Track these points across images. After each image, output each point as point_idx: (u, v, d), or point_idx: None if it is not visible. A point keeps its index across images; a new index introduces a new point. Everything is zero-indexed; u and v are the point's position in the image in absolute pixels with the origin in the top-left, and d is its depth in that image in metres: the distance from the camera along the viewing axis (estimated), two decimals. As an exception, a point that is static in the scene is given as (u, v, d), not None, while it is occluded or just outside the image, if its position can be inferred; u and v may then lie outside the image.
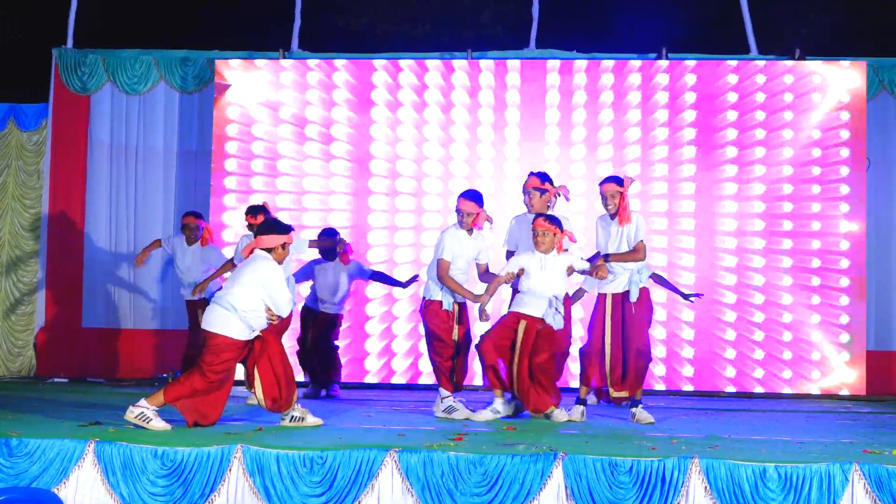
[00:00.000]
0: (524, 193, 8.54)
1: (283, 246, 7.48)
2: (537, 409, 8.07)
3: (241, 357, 7.35)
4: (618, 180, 8.21)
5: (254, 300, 7.26)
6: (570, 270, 8.18)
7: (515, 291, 8.35)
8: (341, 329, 10.44)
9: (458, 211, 8.42)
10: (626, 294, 8.15)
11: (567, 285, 8.23)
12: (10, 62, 12.66)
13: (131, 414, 7.06)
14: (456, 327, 8.41)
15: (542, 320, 8.05)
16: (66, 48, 12.30)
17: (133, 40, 12.46)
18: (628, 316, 8.13)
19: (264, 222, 7.67)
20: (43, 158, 12.33)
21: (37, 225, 12.33)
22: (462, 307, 8.48)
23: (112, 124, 12.27)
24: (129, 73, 12.22)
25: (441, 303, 8.37)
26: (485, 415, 8.06)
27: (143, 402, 7.11)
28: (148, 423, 7.02)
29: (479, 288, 8.56)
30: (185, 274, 10.47)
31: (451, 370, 8.38)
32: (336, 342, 10.37)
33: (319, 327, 10.19)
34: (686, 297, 9.61)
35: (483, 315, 8.22)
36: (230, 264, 9.37)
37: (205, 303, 10.12)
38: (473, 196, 8.42)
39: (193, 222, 10.49)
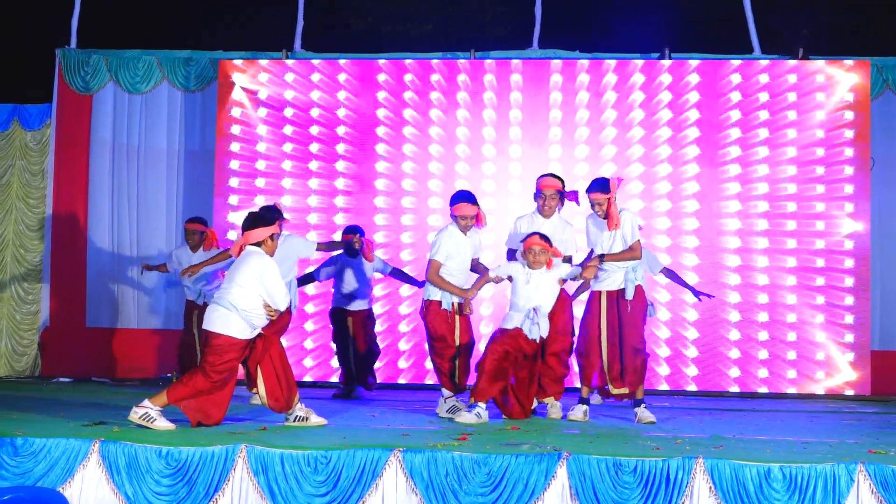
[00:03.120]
0: (539, 196, 8.45)
1: (272, 237, 7.46)
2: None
3: (243, 357, 7.35)
4: (603, 187, 8.10)
5: (252, 297, 7.25)
6: (562, 282, 8.19)
7: None
8: (375, 330, 10.34)
9: (454, 217, 8.38)
10: (621, 292, 8.13)
11: (556, 292, 8.20)
12: (15, 63, 12.70)
13: (135, 414, 7.06)
14: (458, 326, 8.40)
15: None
16: (69, 48, 12.31)
17: (136, 41, 12.49)
18: (624, 314, 8.12)
19: (248, 217, 7.56)
20: (47, 158, 12.34)
21: (41, 225, 12.34)
22: (462, 306, 8.44)
23: (114, 123, 12.28)
24: (131, 72, 12.23)
25: (440, 302, 8.36)
26: (468, 417, 7.85)
27: (146, 402, 7.11)
28: (152, 423, 7.02)
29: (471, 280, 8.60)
30: (191, 280, 10.28)
31: (452, 370, 8.36)
32: (377, 343, 10.27)
33: (356, 326, 10.11)
34: (697, 294, 9.68)
35: (466, 307, 8.31)
36: (226, 254, 9.33)
37: (201, 307, 10.14)
38: (468, 197, 8.38)
39: (195, 228, 10.35)
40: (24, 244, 12.38)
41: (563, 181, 8.51)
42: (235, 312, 7.21)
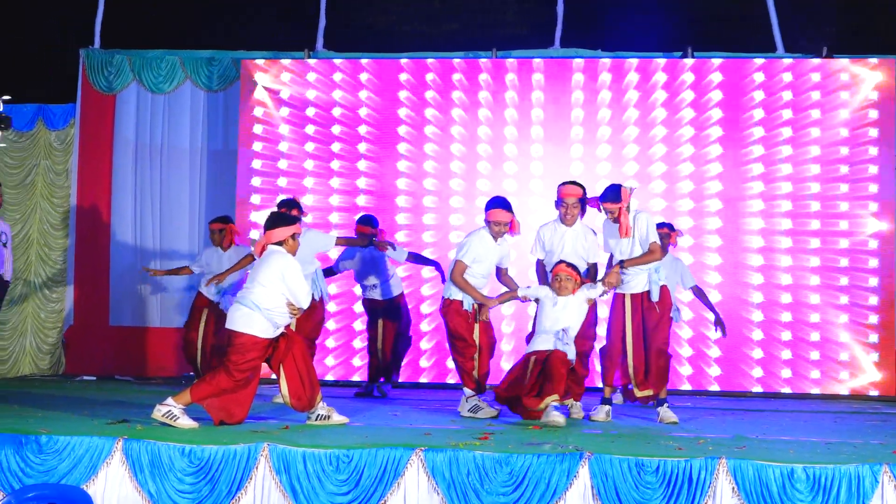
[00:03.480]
0: (560, 205, 8.39)
1: (293, 237, 7.50)
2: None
3: (266, 355, 7.38)
4: (615, 196, 8.07)
5: (275, 296, 7.29)
6: (590, 301, 8.19)
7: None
8: (409, 319, 10.40)
9: (488, 222, 8.36)
10: (646, 294, 8.11)
11: (583, 313, 8.20)
12: (39, 63, 12.76)
13: (158, 412, 7.10)
14: (477, 327, 8.40)
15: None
16: (93, 49, 12.38)
17: (159, 41, 12.54)
18: (649, 315, 8.10)
19: (270, 217, 7.62)
20: (71, 157, 12.41)
21: (65, 224, 12.42)
22: (483, 307, 8.45)
23: (137, 123, 12.34)
24: (154, 72, 12.29)
25: (462, 302, 8.36)
26: (560, 418, 7.74)
27: (170, 400, 7.15)
28: (175, 421, 7.06)
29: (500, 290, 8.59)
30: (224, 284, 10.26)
31: (474, 369, 8.36)
32: (409, 334, 10.31)
33: (385, 316, 10.15)
34: (717, 322, 9.71)
35: (483, 314, 8.30)
36: (251, 258, 9.36)
37: (214, 306, 10.18)
38: (503, 204, 8.34)
39: (214, 227, 10.41)
40: (48, 243, 12.46)
41: (584, 188, 8.47)
42: (258, 311, 7.25)
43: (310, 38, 12.13)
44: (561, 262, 8.18)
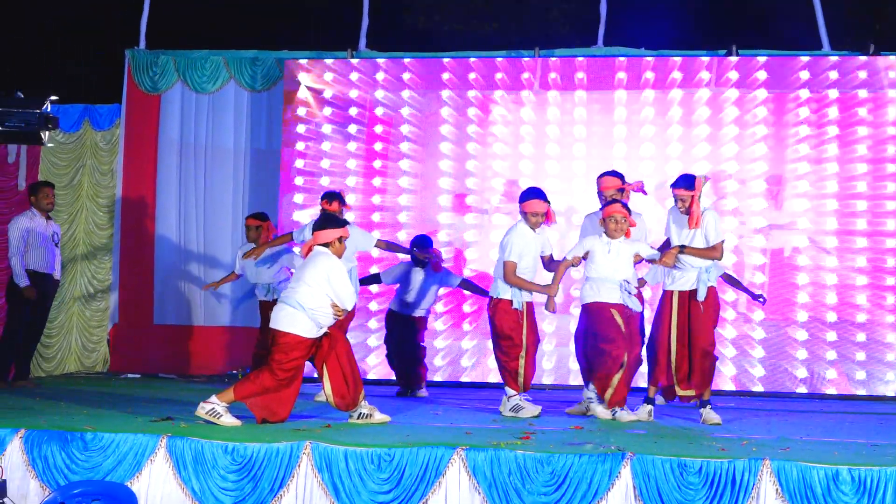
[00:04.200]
0: (601, 197, 8.48)
1: (340, 239, 7.54)
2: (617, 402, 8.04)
3: (309, 355, 7.43)
4: (689, 184, 8.06)
5: (320, 297, 7.34)
6: (637, 258, 8.15)
7: None
8: (427, 330, 10.52)
9: (524, 214, 8.39)
10: (694, 293, 8.07)
11: (631, 265, 8.20)
12: (86, 64, 12.92)
13: (202, 410, 7.17)
14: (525, 326, 8.39)
15: (624, 306, 8.04)
16: (138, 49, 12.48)
17: (204, 41, 12.64)
18: (695, 315, 8.05)
19: (319, 218, 7.73)
20: (116, 157, 12.53)
21: (110, 223, 12.53)
22: (530, 305, 8.46)
23: (182, 123, 12.42)
24: (199, 72, 12.36)
25: (511, 301, 8.36)
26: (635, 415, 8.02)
27: (213, 398, 7.21)
28: (218, 418, 7.12)
29: (546, 278, 8.56)
30: (258, 276, 10.36)
31: (517, 369, 8.35)
32: (423, 343, 10.39)
33: (405, 330, 10.23)
34: (755, 297, 9.66)
35: (551, 305, 8.22)
36: (289, 236, 9.54)
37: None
38: (538, 194, 8.39)
39: (250, 223, 10.47)
40: (93, 242, 12.59)
41: (622, 176, 8.53)
42: (302, 311, 7.29)
43: (352, 37, 12.16)
44: (615, 201, 8.14)
